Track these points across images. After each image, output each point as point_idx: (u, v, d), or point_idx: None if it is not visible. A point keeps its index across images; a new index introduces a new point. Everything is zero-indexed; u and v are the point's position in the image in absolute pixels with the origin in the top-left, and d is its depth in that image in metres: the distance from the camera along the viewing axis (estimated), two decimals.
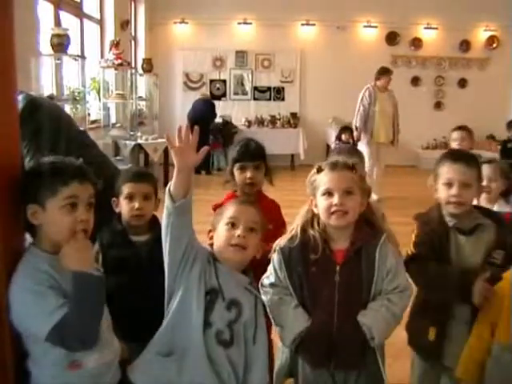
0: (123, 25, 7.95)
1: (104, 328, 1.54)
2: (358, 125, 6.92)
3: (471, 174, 1.92)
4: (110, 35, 7.54)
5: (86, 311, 1.38)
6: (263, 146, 2.35)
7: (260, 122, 10.01)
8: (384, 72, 7.02)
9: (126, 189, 1.99)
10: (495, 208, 2.58)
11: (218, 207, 1.87)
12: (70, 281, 1.38)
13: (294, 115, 10.06)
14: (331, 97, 9.83)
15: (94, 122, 6.80)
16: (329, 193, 1.70)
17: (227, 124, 9.53)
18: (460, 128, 3.80)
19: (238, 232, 1.59)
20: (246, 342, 1.60)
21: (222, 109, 9.69)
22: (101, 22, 7.58)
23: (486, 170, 2.50)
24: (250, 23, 9.89)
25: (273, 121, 9.97)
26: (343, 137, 7.08)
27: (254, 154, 2.27)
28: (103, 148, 6.29)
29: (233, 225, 1.60)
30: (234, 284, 1.59)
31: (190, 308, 1.54)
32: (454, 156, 1.99)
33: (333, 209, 1.68)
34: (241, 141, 2.37)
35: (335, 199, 1.68)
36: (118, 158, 6.85)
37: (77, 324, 1.35)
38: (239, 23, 9.88)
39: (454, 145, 3.70)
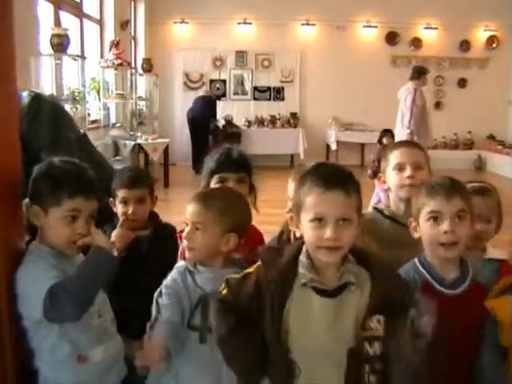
0: (123, 25, 7.94)
1: (108, 320, 1.56)
2: (413, 128, 6.38)
3: (350, 203, 1.27)
4: (109, 35, 7.53)
5: (90, 277, 1.40)
6: (248, 157, 1.99)
7: (260, 122, 10.00)
8: (425, 72, 6.75)
9: (120, 193, 2.00)
10: (488, 255, 1.75)
11: None
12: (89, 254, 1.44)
13: (293, 115, 10.06)
14: (331, 97, 9.84)
15: (93, 121, 6.79)
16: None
17: (229, 124, 9.52)
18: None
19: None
20: None
21: (222, 109, 9.69)
22: (101, 22, 7.57)
23: (481, 204, 1.68)
24: (250, 23, 9.88)
25: (273, 121, 9.96)
26: (384, 140, 6.46)
27: (237, 163, 1.90)
28: (103, 148, 6.33)
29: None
30: (220, 281, 1.52)
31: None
32: (326, 179, 1.29)
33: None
34: (220, 149, 1.99)
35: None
36: (117, 157, 6.86)
37: (76, 287, 1.37)
38: (239, 23, 9.87)
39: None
